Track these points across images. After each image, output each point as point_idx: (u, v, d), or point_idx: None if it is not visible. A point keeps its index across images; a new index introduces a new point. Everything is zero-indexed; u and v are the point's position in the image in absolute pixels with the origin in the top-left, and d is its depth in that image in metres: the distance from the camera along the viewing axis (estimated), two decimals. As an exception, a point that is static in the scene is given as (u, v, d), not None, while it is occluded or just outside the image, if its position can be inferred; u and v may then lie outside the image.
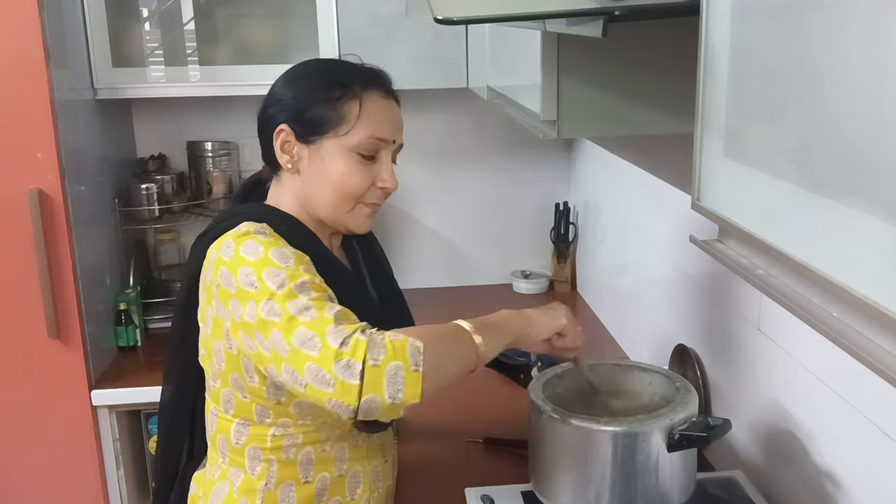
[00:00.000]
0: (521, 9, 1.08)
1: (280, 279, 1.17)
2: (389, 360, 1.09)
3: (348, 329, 1.11)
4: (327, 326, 1.11)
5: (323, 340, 1.10)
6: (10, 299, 2.08)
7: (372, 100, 1.32)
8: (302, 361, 1.11)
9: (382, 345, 1.10)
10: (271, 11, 2.46)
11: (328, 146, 1.31)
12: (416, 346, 1.11)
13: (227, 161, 2.64)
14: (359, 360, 1.08)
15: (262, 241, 1.22)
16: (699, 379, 1.73)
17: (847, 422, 1.24)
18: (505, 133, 2.78)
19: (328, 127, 1.31)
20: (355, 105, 1.31)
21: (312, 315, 1.13)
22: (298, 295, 1.15)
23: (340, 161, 1.31)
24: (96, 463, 2.21)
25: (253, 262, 1.19)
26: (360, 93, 1.32)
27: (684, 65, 0.96)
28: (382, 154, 1.34)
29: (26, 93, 1.98)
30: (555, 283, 2.85)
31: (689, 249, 1.76)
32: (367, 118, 1.31)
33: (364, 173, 1.32)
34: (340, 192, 1.32)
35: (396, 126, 1.36)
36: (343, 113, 1.31)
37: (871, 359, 0.58)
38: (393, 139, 1.35)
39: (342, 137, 1.30)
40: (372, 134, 1.31)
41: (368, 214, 1.36)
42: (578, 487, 1.32)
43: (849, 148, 0.60)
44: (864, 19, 0.57)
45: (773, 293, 0.72)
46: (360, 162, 1.31)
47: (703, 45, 0.82)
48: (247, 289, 1.18)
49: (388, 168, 1.34)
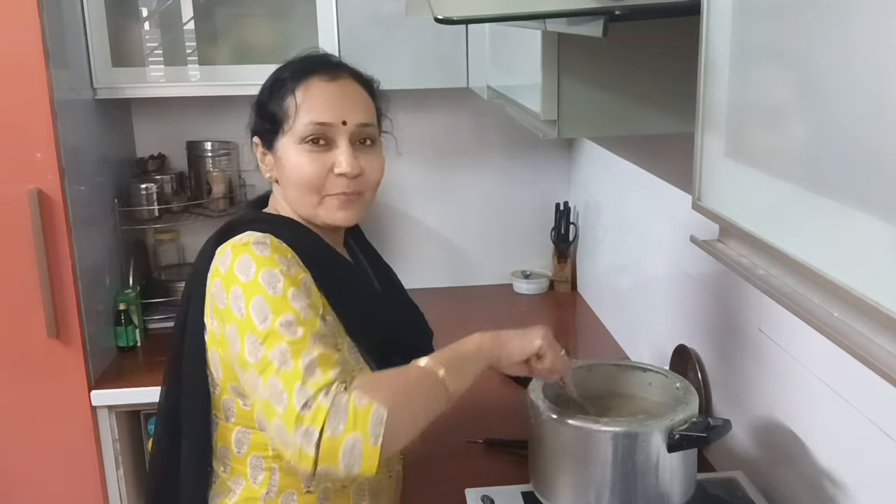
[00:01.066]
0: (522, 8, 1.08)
1: (264, 313, 1.16)
2: (348, 432, 1.07)
3: (312, 388, 1.10)
4: (296, 383, 1.11)
5: (289, 398, 1.10)
6: (10, 299, 2.07)
7: (308, 87, 1.29)
8: (270, 414, 1.12)
9: (345, 412, 1.08)
10: (271, 11, 2.46)
11: (282, 145, 1.30)
12: (379, 414, 1.08)
13: (226, 161, 2.64)
14: (317, 427, 1.07)
15: (257, 258, 1.20)
16: (699, 379, 1.73)
17: (848, 422, 1.24)
18: (505, 133, 2.78)
19: (278, 126, 1.30)
20: (290, 98, 1.29)
21: (286, 364, 1.12)
22: (280, 334, 1.14)
23: (293, 155, 1.29)
24: (96, 463, 2.21)
25: (244, 284, 1.19)
26: (293, 84, 1.30)
27: (685, 65, 0.96)
28: (337, 140, 1.29)
29: (26, 93, 1.98)
30: (555, 283, 2.85)
31: (689, 249, 1.76)
32: (305, 106, 1.28)
33: (317, 162, 1.28)
34: (300, 186, 1.30)
35: (343, 106, 1.30)
36: (284, 108, 1.29)
37: (872, 359, 0.58)
38: (342, 120, 1.29)
39: (288, 133, 1.29)
40: (311, 120, 1.28)
41: (339, 206, 1.31)
42: (578, 488, 1.32)
43: (850, 147, 0.60)
44: (865, 18, 0.57)
45: (773, 293, 0.72)
46: (311, 151, 1.28)
47: (703, 44, 0.82)
48: (234, 311, 1.19)
49: (344, 153, 1.28)
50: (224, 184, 2.61)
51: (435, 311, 1.59)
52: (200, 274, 1.28)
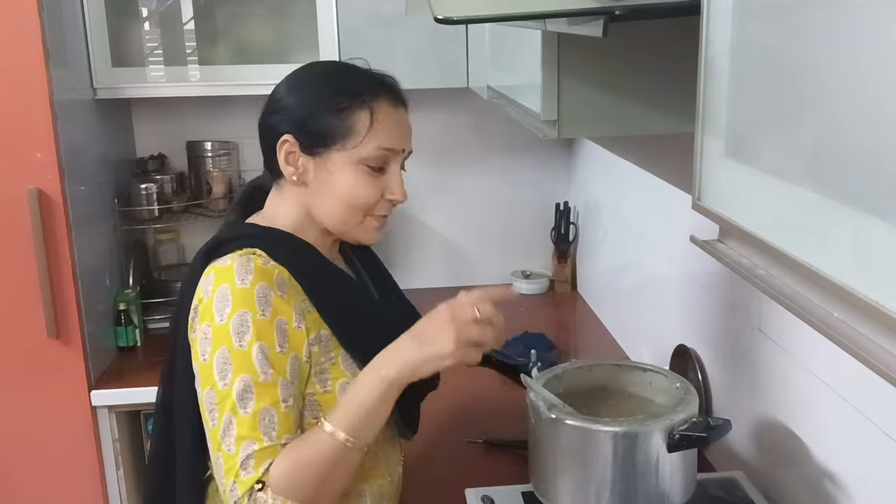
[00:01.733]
0: (522, 8, 1.08)
1: (225, 369, 1.17)
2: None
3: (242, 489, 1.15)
4: (230, 476, 1.16)
5: (224, 484, 1.17)
6: (10, 299, 2.07)
7: (381, 109, 1.26)
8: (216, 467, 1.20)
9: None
10: (271, 11, 2.46)
11: (335, 159, 1.25)
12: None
13: (226, 161, 2.64)
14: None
15: (235, 293, 1.18)
16: (699, 379, 1.73)
17: (848, 422, 1.24)
18: (505, 133, 2.78)
19: (335, 139, 1.25)
20: (364, 116, 1.25)
21: (230, 443, 1.16)
22: (234, 403, 1.16)
23: (349, 174, 1.26)
24: (96, 463, 2.21)
25: (215, 328, 1.19)
26: (369, 102, 1.25)
27: (685, 65, 0.96)
28: (391, 165, 1.29)
29: (26, 93, 1.98)
30: (555, 283, 2.85)
31: (689, 249, 1.76)
32: (376, 129, 1.25)
33: (373, 186, 1.27)
34: (349, 205, 1.27)
35: (406, 134, 1.30)
36: (351, 124, 1.24)
37: (872, 359, 0.58)
38: (403, 148, 1.29)
39: (351, 150, 1.25)
40: (381, 145, 1.25)
41: (377, 227, 1.32)
42: (578, 488, 1.32)
43: (850, 147, 0.60)
44: (866, 18, 0.57)
45: (773, 293, 0.72)
46: (369, 174, 1.26)
47: (703, 44, 0.82)
48: (200, 353, 1.21)
49: (397, 179, 1.29)
50: (224, 184, 2.61)
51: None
52: (190, 284, 1.27)
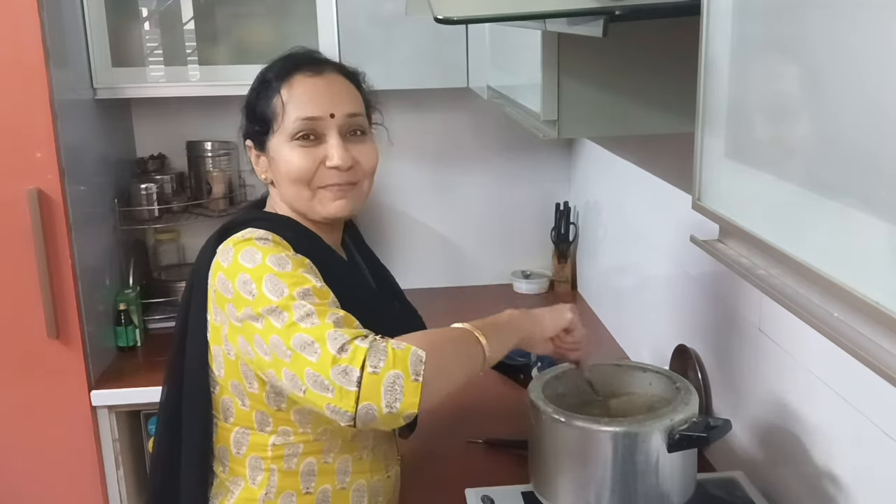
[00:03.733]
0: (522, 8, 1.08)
1: (279, 287, 1.16)
2: (389, 368, 1.07)
3: (348, 334, 1.10)
4: (327, 331, 1.10)
5: (322, 345, 1.09)
6: (10, 299, 2.07)
7: (292, 84, 1.30)
8: (301, 366, 1.10)
9: (384, 352, 1.09)
10: (271, 11, 2.46)
11: (273, 145, 1.32)
12: (418, 354, 1.10)
13: (226, 161, 2.64)
14: (357, 366, 1.07)
15: (261, 248, 1.21)
16: (700, 379, 1.73)
17: (848, 422, 1.24)
18: (505, 133, 2.77)
19: (268, 126, 1.31)
20: (277, 98, 1.30)
21: (313, 321, 1.12)
22: (299, 300, 1.14)
23: (285, 153, 1.30)
24: (96, 463, 2.21)
25: (251, 270, 1.19)
26: (277, 83, 1.31)
27: (685, 65, 0.96)
28: (327, 133, 1.30)
29: (26, 93, 1.98)
30: (555, 283, 2.85)
31: (689, 249, 1.76)
32: (291, 104, 1.29)
33: (308, 156, 1.29)
34: (292, 181, 1.30)
35: (329, 100, 1.30)
36: (271, 108, 1.31)
37: (872, 359, 0.58)
38: (329, 113, 1.29)
39: (278, 132, 1.30)
40: (299, 116, 1.29)
41: (332, 197, 1.31)
42: (579, 488, 1.32)
43: (850, 148, 0.60)
44: (865, 19, 0.57)
45: (773, 293, 0.72)
46: (302, 146, 1.29)
47: (703, 44, 0.82)
48: (245, 296, 1.18)
49: (335, 146, 1.29)
50: (224, 184, 2.61)
51: (435, 311, 1.59)
52: (201, 272, 1.28)
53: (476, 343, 1.19)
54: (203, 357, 1.30)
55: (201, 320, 1.29)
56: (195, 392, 1.32)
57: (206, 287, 1.27)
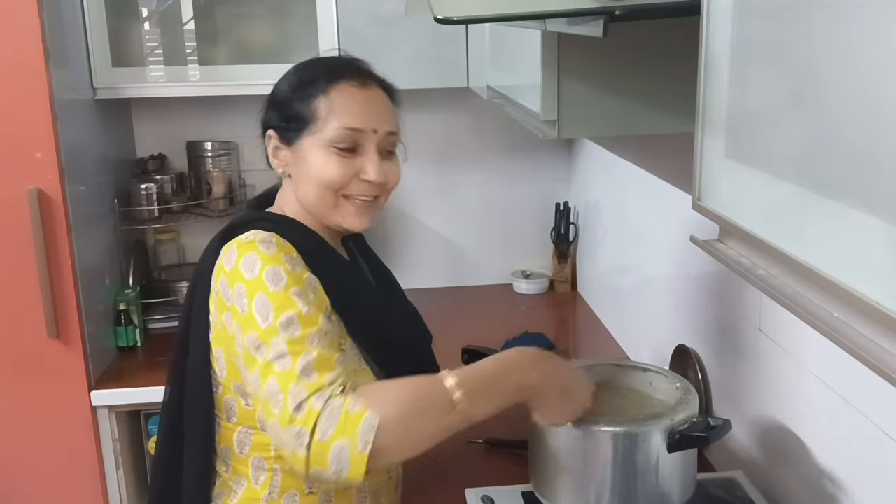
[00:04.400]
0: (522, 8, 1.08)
1: (266, 310, 1.17)
2: (337, 437, 1.06)
3: (307, 391, 1.10)
4: (291, 384, 1.11)
5: (285, 399, 1.11)
6: (10, 299, 2.07)
7: (341, 91, 1.30)
8: (268, 414, 1.13)
9: (336, 415, 1.07)
10: (271, 11, 2.46)
11: (306, 144, 1.31)
12: (369, 423, 1.06)
13: (226, 161, 2.64)
14: (308, 429, 1.07)
15: (263, 255, 1.21)
16: (700, 379, 1.73)
17: (848, 422, 1.24)
18: (505, 133, 2.78)
19: (303, 125, 1.30)
20: (324, 98, 1.29)
21: (284, 364, 1.13)
22: (280, 333, 1.15)
23: (319, 157, 1.29)
24: (96, 463, 2.21)
25: (248, 281, 1.19)
26: (326, 87, 1.30)
27: (685, 65, 0.96)
28: (365, 146, 1.31)
29: (26, 93, 1.98)
30: (555, 283, 2.85)
31: (689, 249, 1.76)
32: (337, 111, 1.29)
33: (344, 165, 1.29)
34: (321, 185, 1.30)
35: (374, 114, 1.32)
36: (314, 108, 1.30)
37: (872, 359, 0.58)
38: (373, 128, 1.30)
39: (316, 134, 1.30)
40: (344, 125, 1.29)
41: (355, 211, 1.32)
42: (579, 488, 1.32)
43: (850, 148, 0.60)
44: (865, 18, 0.57)
45: (773, 293, 0.72)
46: (339, 154, 1.29)
47: (703, 44, 0.82)
48: (238, 309, 1.19)
49: (372, 160, 1.30)
50: (224, 184, 2.61)
51: (435, 311, 1.59)
52: (205, 272, 1.29)
53: (450, 404, 1.12)
54: (205, 357, 1.30)
55: (203, 320, 1.29)
56: (197, 392, 1.32)
57: (208, 287, 1.27)
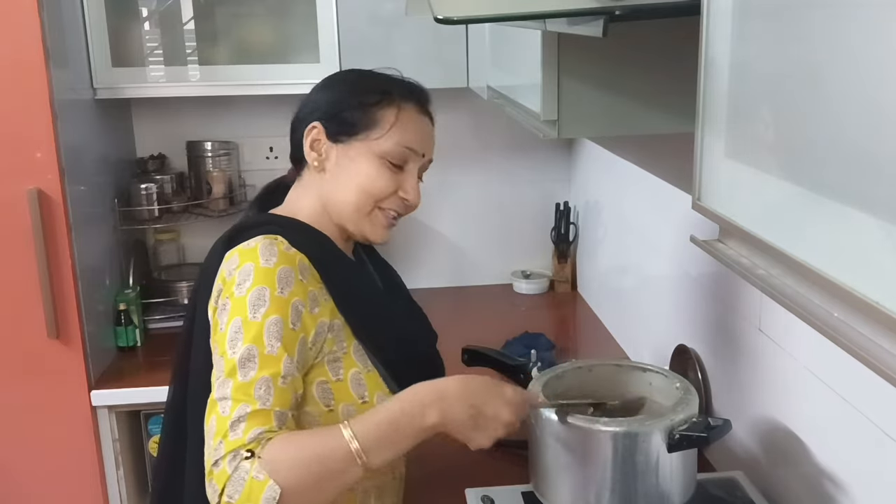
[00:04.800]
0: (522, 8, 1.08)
1: (236, 340, 1.18)
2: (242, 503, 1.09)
3: (226, 448, 1.11)
4: (218, 437, 1.13)
5: (210, 449, 1.14)
6: (10, 299, 2.07)
7: (407, 110, 1.34)
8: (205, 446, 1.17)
9: (242, 482, 1.09)
10: (271, 11, 2.46)
11: (358, 148, 1.32)
12: (272, 493, 1.08)
13: (226, 161, 2.64)
14: (219, 488, 1.10)
15: (258, 270, 1.21)
16: (700, 379, 1.73)
17: (848, 422, 1.24)
18: (505, 133, 2.78)
19: (360, 129, 1.32)
20: (391, 112, 1.33)
21: (224, 409, 1.15)
22: (236, 372, 1.16)
23: (369, 164, 1.32)
24: (96, 463, 2.21)
25: (234, 299, 1.21)
26: (398, 101, 1.34)
27: (685, 65, 0.96)
28: (410, 166, 1.35)
29: (26, 93, 1.98)
30: (555, 283, 2.85)
31: (689, 249, 1.76)
32: (400, 127, 1.32)
33: (390, 179, 1.33)
34: (364, 192, 1.32)
35: (428, 140, 1.38)
36: (378, 118, 1.32)
37: (872, 359, 0.58)
38: (423, 152, 1.36)
39: (373, 141, 1.32)
40: (403, 143, 1.32)
41: (385, 224, 1.35)
42: (578, 488, 1.32)
43: (850, 148, 0.60)
44: (866, 18, 0.57)
45: (773, 293, 0.72)
46: (388, 168, 1.32)
47: (703, 44, 0.82)
48: (220, 322, 1.21)
49: (413, 181, 1.35)
50: (224, 184, 2.61)
51: (435, 311, 1.59)
52: (208, 275, 1.29)
53: (353, 462, 1.14)
54: (208, 358, 1.30)
55: (205, 322, 1.29)
56: (200, 393, 1.32)
57: (211, 289, 1.28)
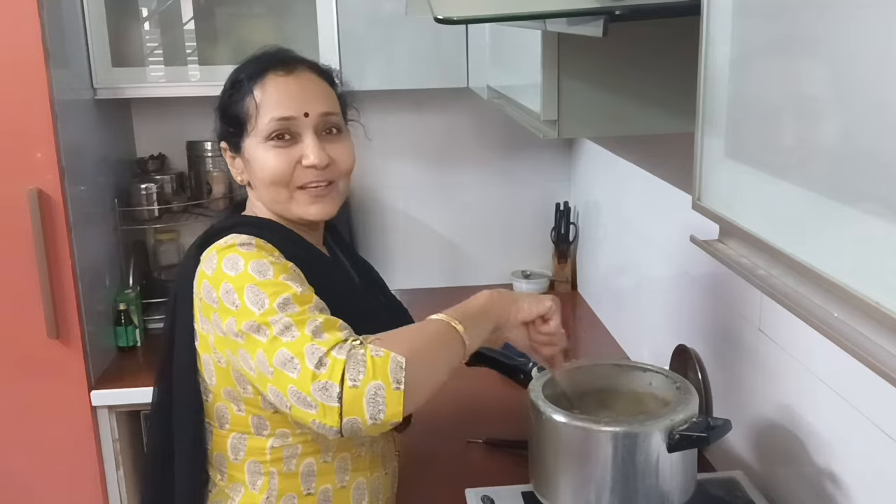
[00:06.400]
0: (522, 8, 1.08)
1: (260, 298, 1.15)
2: (369, 380, 1.06)
3: (325, 346, 1.09)
4: (305, 346, 1.09)
5: (301, 361, 1.09)
6: (10, 299, 2.07)
7: (265, 84, 1.29)
8: (284, 384, 1.10)
9: (362, 362, 1.07)
10: (271, 11, 2.46)
11: (248, 146, 1.31)
12: (397, 361, 1.08)
13: (226, 161, 2.64)
14: (336, 381, 1.06)
15: (244, 254, 1.20)
16: (700, 379, 1.73)
17: (848, 422, 1.24)
18: (505, 133, 2.78)
19: (241, 128, 1.31)
20: (249, 97, 1.29)
21: (293, 334, 1.11)
22: (279, 312, 1.13)
23: (260, 154, 1.29)
24: (96, 463, 2.21)
25: (233, 278, 1.18)
26: (250, 84, 1.30)
27: (684, 64, 0.96)
28: (302, 133, 1.29)
29: (26, 93, 1.98)
30: (555, 283, 2.85)
31: (689, 249, 1.76)
32: (264, 104, 1.28)
33: (284, 157, 1.28)
34: (269, 182, 1.29)
35: (303, 99, 1.29)
36: (242, 109, 1.30)
37: (872, 359, 0.58)
38: (303, 112, 1.28)
39: (252, 134, 1.29)
40: (272, 116, 1.27)
41: (310, 200, 1.30)
42: (578, 488, 1.32)
43: (850, 147, 0.60)
44: (866, 18, 0.57)
45: (773, 293, 0.72)
46: (277, 146, 1.28)
47: (703, 44, 0.82)
48: (228, 306, 1.17)
49: (311, 145, 1.28)
50: (224, 184, 2.61)
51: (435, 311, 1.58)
52: (185, 279, 1.27)
53: (455, 336, 1.17)
54: (192, 364, 1.29)
55: (188, 327, 1.28)
56: (185, 400, 1.31)
57: (191, 295, 1.26)
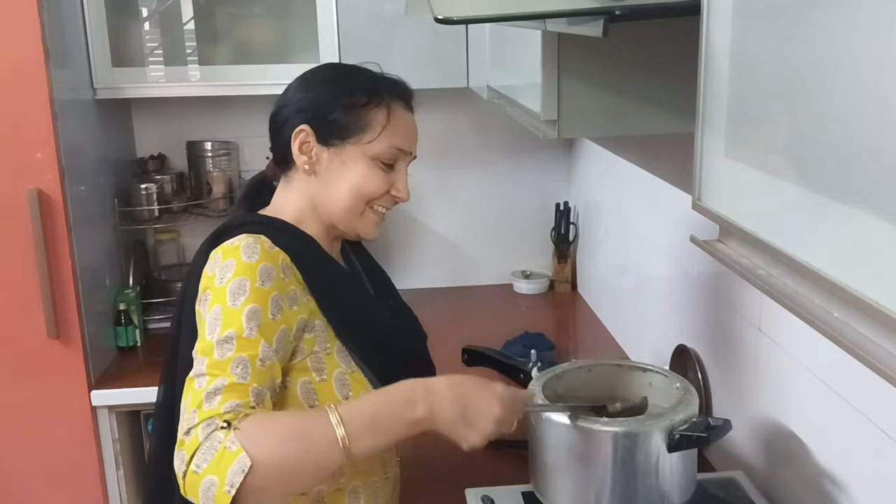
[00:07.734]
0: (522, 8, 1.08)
1: (214, 325, 1.18)
2: (209, 472, 1.07)
3: (199, 418, 1.10)
4: (192, 405, 1.12)
5: (183, 420, 1.13)
6: (10, 299, 2.07)
7: (396, 110, 1.34)
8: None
9: (214, 450, 1.07)
10: (271, 11, 2.46)
11: (350, 151, 1.32)
12: (241, 465, 1.05)
13: (226, 161, 2.64)
14: (188, 456, 1.08)
15: (239, 265, 1.22)
16: (700, 379, 1.73)
17: (848, 422, 1.24)
18: (505, 133, 2.78)
19: (351, 132, 1.32)
20: (381, 114, 1.32)
21: (200, 384, 1.14)
22: (213, 350, 1.16)
23: (363, 166, 1.32)
24: (96, 463, 2.21)
25: (215, 290, 1.21)
26: (387, 102, 1.33)
27: (684, 64, 0.96)
28: (399, 164, 1.36)
29: (26, 93, 1.98)
30: (555, 283, 2.85)
31: (689, 249, 1.76)
32: (391, 128, 1.33)
33: (382, 180, 1.34)
34: (358, 194, 1.33)
35: (415, 138, 1.39)
36: (369, 120, 1.32)
37: (872, 359, 0.58)
38: (411, 151, 1.37)
39: (366, 145, 1.32)
40: (395, 144, 1.33)
41: (377, 221, 1.38)
42: (578, 488, 1.32)
43: (850, 147, 0.60)
44: (866, 18, 0.57)
45: (773, 293, 0.72)
46: (380, 168, 1.33)
47: (703, 44, 0.82)
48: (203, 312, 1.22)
49: (403, 179, 1.37)
50: (224, 184, 2.61)
51: (435, 311, 1.59)
52: (194, 276, 1.29)
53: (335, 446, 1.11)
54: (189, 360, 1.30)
55: (193, 323, 1.29)
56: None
57: (197, 290, 1.27)
